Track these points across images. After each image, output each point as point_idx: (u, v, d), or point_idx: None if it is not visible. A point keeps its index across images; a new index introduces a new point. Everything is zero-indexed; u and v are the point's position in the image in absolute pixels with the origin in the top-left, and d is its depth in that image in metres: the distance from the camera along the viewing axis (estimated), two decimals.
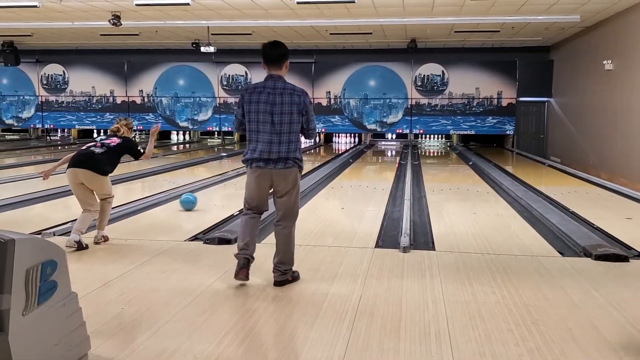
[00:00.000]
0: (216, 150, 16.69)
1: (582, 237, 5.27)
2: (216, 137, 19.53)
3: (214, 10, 10.97)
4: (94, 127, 18.87)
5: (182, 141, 19.35)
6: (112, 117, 18.33)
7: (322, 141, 18.55)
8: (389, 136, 18.69)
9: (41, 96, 19.02)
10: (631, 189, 8.59)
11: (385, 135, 18.64)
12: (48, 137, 19.62)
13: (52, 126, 19.31)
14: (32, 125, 19.46)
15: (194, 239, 5.20)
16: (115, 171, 5.14)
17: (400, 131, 17.64)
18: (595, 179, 9.87)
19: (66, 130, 19.88)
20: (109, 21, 11.21)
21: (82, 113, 18.87)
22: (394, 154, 15.91)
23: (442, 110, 17.08)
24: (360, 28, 13.10)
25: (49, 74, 18.91)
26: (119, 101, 18.62)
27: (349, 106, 17.52)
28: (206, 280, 3.96)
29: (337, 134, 18.54)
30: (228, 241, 4.96)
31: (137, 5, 10.38)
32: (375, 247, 4.96)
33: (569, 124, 13.81)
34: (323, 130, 17.76)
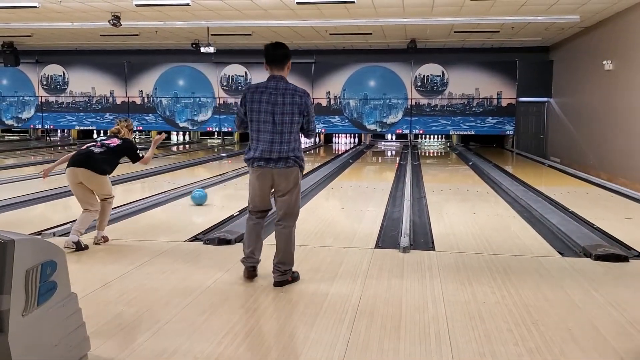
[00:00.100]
0: (216, 150, 16.68)
1: (582, 237, 5.27)
2: (216, 137, 19.54)
3: (214, 10, 10.97)
4: (94, 127, 18.89)
5: (182, 142, 19.35)
6: (112, 117, 18.36)
7: (322, 142, 18.54)
8: (389, 137, 18.68)
9: (41, 97, 19.03)
10: (631, 189, 8.60)
11: (385, 136, 18.64)
12: (48, 138, 19.60)
13: (52, 127, 19.32)
14: (32, 126, 19.47)
15: (194, 239, 5.20)
16: (116, 172, 5.14)
17: (400, 131, 17.64)
18: (595, 179, 9.87)
19: (66, 131, 19.88)
20: (108, 22, 11.21)
21: (82, 114, 18.88)
22: (394, 154, 15.90)
23: (441, 111, 17.08)
24: (360, 28, 13.11)
25: (48, 75, 18.92)
26: (118, 102, 18.63)
27: (349, 106, 17.52)
28: (206, 280, 3.96)
29: (337, 135, 18.53)
30: (228, 242, 4.97)
31: (136, 5, 10.39)
32: (375, 248, 4.96)
33: (569, 124, 13.81)
34: (323, 130, 17.76)
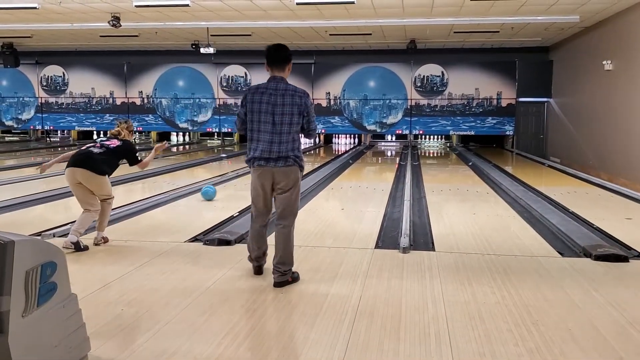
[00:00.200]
0: (216, 151, 16.68)
1: (582, 237, 5.27)
2: (216, 138, 19.54)
3: (214, 11, 10.98)
4: (94, 128, 18.90)
5: (181, 142, 19.35)
6: (112, 118, 18.38)
7: (321, 142, 18.53)
8: (389, 137, 18.69)
9: (41, 98, 19.04)
10: (631, 189, 8.60)
11: (385, 136, 18.65)
12: (48, 139, 19.61)
13: (51, 128, 19.32)
14: (32, 127, 19.48)
15: (194, 240, 5.20)
16: (116, 172, 5.14)
17: (400, 132, 17.65)
18: (595, 179, 9.87)
19: (66, 132, 19.88)
20: (108, 22, 11.21)
21: (81, 114, 18.89)
22: (394, 154, 15.90)
23: (441, 111, 17.09)
24: (359, 29, 13.11)
25: (48, 76, 18.92)
26: (118, 102, 18.64)
27: (349, 107, 17.53)
28: (206, 281, 3.96)
29: (336, 135, 18.53)
30: (228, 242, 4.97)
31: (136, 6, 10.39)
32: (375, 248, 4.96)
33: (569, 124, 13.81)
34: (323, 131, 17.75)
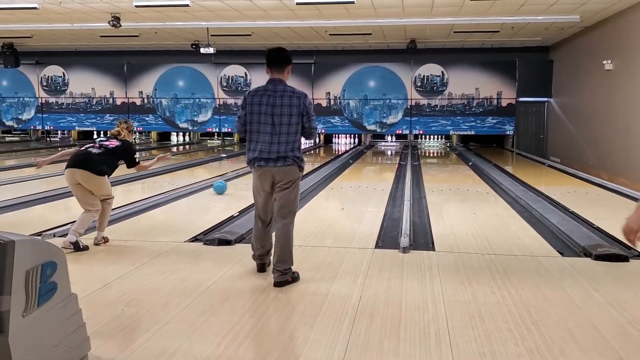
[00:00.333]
0: (216, 151, 16.68)
1: (582, 237, 5.27)
2: (216, 138, 19.54)
3: (214, 11, 10.98)
4: (94, 128, 18.90)
5: (181, 142, 19.35)
6: (112, 118, 18.38)
7: (321, 142, 18.53)
8: (389, 137, 18.68)
9: (41, 98, 19.04)
10: (631, 189, 8.60)
11: (385, 136, 18.64)
12: (48, 139, 19.62)
13: (52, 128, 19.33)
14: (32, 127, 19.48)
15: (194, 240, 5.20)
16: (116, 172, 5.14)
17: (400, 132, 17.65)
18: (595, 179, 9.87)
19: (66, 132, 19.89)
20: (108, 23, 11.21)
21: (82, 114, 18.89)
22: (394, 154, 15.90)
23: (441, 111, 17.08)
24: (359, 29, 13.11)
25: (48, 76, 18.93)
26: (118, 102, 18.64)
27: (349, 107, 17.52)
28: (206, 281, 3.96)
29: (336, 135, 18.53)
30: (228, 242, 4.97)
31: (136, 6, 10.39)
32: (375, 248, 4.96)
33: (569, 124, 13.81)
34: (323, 131, 17.75)
